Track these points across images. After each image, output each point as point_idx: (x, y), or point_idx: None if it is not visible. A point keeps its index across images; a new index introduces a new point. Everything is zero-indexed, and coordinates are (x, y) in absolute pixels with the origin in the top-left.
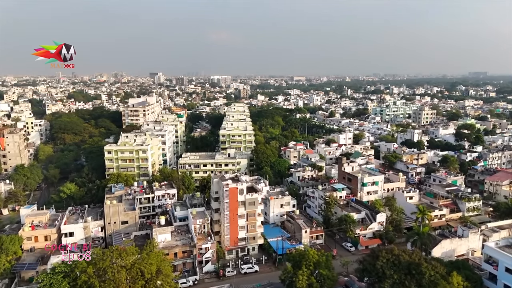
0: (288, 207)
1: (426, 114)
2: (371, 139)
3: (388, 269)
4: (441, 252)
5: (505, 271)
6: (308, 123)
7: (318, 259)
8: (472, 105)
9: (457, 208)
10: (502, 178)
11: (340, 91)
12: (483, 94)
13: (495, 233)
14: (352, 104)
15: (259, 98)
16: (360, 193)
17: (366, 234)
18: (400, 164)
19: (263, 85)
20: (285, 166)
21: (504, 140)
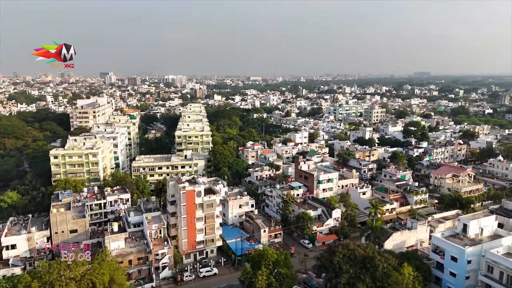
0: (246, 207)
1: (376, 113)
2: (325, 137)
3: (344, 264)
4: (392, 245)
5: (450, 260)
6: (265, 122)
7: (277, 258)
8: (418, 104)
9: (406, 202)
10: (446, 172)
11: (295, 91)
12: (427, 93)
13: (441, 224)
14: (307, 103)
15: (215, 98)
16: (316, 190)
17: (323, 230)
18: (353, 161)
19: (220, 85)
20: (243, 166)
21: (447, 136)
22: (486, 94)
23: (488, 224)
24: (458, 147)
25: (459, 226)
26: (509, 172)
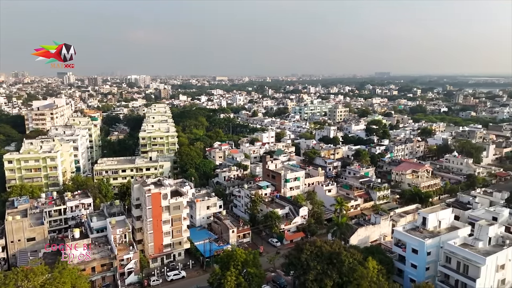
0: (214, 208)
1: (340, 112)
2: (292, 136)
3: (312, 261)
4: (357, 240)
5: (411, 252)
6: (232, 123)
7: (246, 258)
8: (379, 103)
9: (370, 198)
10: (406, 168)
11: (261, 91)
12: (388, 93)
13: (402, 218)
14: (274, 103)
15: (181, 98)
16: (283, 189)
17: (291, 228)
18: (319, 159)
19: (185, 85)
20: (210, 167)
21: (406, 134)
22: (441, 93)
23: (446, 217)
24: (417, 144)
25: (419, 219)
26: (464, 167)
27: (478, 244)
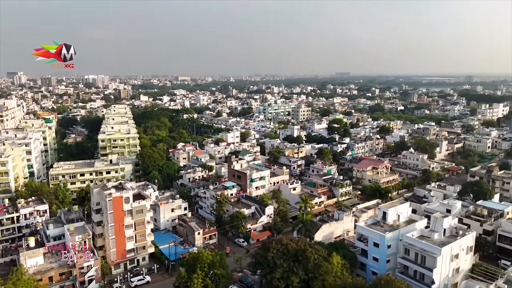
0: (179, 211)
1: (303, 111)
2: (256, 136)
3: (278, 259)
4: (322, 236)
5: (373, 246)
6: (196, 123)
7: (212, 259)
8: (340, 102)
9: (333, 195)
10: (366, 165)
11: (225, 91)
12: (348, 92)
13: (364, 213)
14: (238, 103)
15: (142, 98)
16: (249, 188)
17: (257, 227)
18: (283, 158)
19: (146, 85)
20: (174, 169)
21: (366, 132)
22: (398, 93)
23: (404, 211)
24: (376, 142)
25: (380, 214)
26: (419, 163)
27: (434, 236)
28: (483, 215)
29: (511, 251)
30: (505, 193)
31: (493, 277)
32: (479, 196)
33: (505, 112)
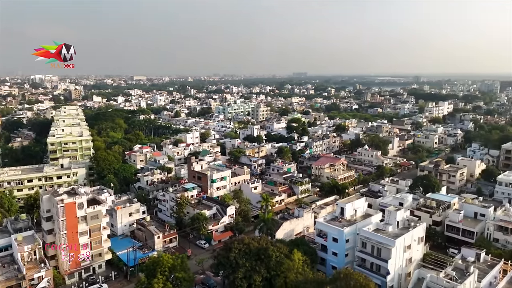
0: (137, 215)
1: (262, 111)
2: (216, 136)
3: (240, 259)
4: (283, 234)
5: (332, 241)
6: (154, 124)
7: (173, 263)
8: (298, 102)
9: (293, 192)
10: (324, 162)
11: (183, 91)
12: (305, 92)
13: (323, 210)
14: (196, 103)
15: (95, 99)
16: (210, 189)
17: (218, 228)
18: (244, 158)
19: (99, 85)
20: (131, 172)
21: (323, 130)
22: (352, 92)
23: (360, 206)
24: (333, 140)
25: (338, 210)
26: (374, 159)
27: (388, 228)
28: (432, 207)
29: (458, 240)
30: (451, 185)
31: (442, 265)
32: (428, 189)
33: (450, 109)
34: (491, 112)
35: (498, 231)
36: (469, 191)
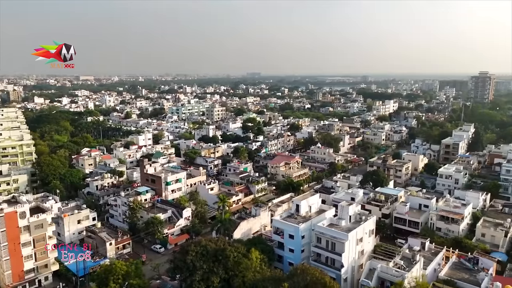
0: (87, 222)
1: (217, 111)
2: (170, 137)
3: (197, 261)
4: (241, 233)
5: (289, 238)
6: (103, 126)
7: (127, 269)
8: (252, 101)
9: (250, 192)
10: (279, 161)
11: (134, 91)
12: (259, 92)
13: (279, 207)
14: (148, 104)
15: (36, 101)
16: (165, 192)
17: (174, 232)
18: (200, 158)
19: (41, 86)
20: (79, 177)
21: (278, 129)
22: (305, 92)
23: (315, 202)
24: (287, 138)
25: (293, 207)
26: (326, 156)
27: (342, 223)
28: (381, 201)
29: (405, 231)
30: (398, 179)
31: (391, 255)
32: (377, 183)
33: (395, 107)
34: (432, 110)
35: (440, 221)
36: (414, 184)
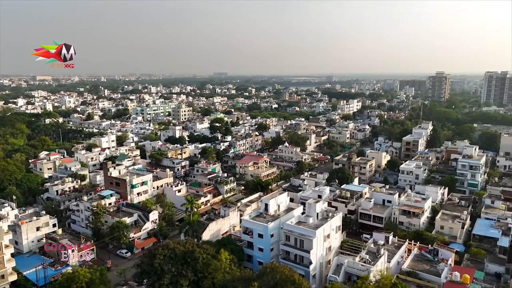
0: (47, 229)
1: (184, 111)
2: (135, 139)
3: (165, 265)
4: (210, 235)
5: (258, 237)
6: (62, 128)
7: (91, 276)
8: (220, 101)
9: (218, 192)
10: (248, 161)
11: (96, 91)
12: (227, 92)
13: (248, 207)
14: (112, 104)
15: None
16: (130, 195)
17: (141, 235)
18: (166, 160)
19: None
20: (37, 182)
21: (246, 129)
22: (272, 92)
23: (283, 200)
24: (255, 138)
25: (262, 206)
26: (293, 155)
27: (309, 220)
28: (347, 197)
29: (370, 226)
30: (362, 176)
31: (357, 250)
32: (343, 181)
33: (359, 107)
34: (393, 108)
35: (402, 215)
36: (377, 180)
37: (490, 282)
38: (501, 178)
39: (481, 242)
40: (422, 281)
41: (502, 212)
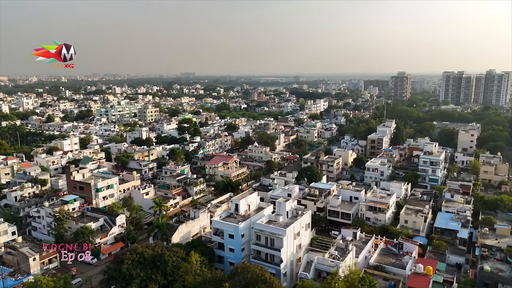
0: (5, 237)
1: (150, 112)
2: (99, 141)
3: (134, 269)
4: (179, 237)
5: (228, 237)
6: (20, 131)
7: (54, 285)
8: (188, 102)
9: (188, 194)
10: (218, 161)
11: (56, 92)
12: (195, 92)
13: (218, 208)
14: (74, 106)
15: None
16: (95, 200)
17: (108, 240)
18: (133, 162)
19: None
20: None
21: (215, 130)
22: (240, 92)
23: (253, 200)
24: (225, 139)
25: (232, 206)
26: (263, 155)
27: (279, 219)
28: (316, 195)
29: (339, 223)
30: (330, 174)
31: (327, 246)
32: (312, 179)
33: (325, 106)
34: (358, 108)
35: (369, 211)
36: (344, 178)
37: (451, 272)
38: (459, 173)
39: (443, 234)
40: (388, 274)
41: (461, 206)
